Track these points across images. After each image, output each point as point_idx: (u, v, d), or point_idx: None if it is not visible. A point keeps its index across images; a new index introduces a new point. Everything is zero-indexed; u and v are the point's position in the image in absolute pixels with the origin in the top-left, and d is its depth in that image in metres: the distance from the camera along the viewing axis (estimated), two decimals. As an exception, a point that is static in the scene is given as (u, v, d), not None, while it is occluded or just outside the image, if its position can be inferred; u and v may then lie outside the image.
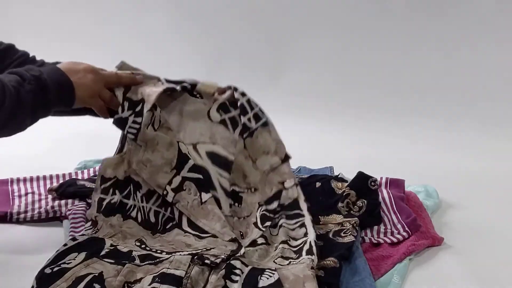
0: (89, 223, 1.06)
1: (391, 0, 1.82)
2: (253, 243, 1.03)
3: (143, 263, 0.96)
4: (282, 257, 1.00)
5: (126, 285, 0.91)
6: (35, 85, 0.94)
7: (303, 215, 1.07)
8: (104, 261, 0.96)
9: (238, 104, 1.10)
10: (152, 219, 1.09)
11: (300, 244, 1.02)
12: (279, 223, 1.07)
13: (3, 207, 1.24)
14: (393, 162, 1.54)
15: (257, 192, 1.10)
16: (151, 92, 1.07)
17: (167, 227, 1.09)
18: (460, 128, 1.74)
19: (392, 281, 1.01)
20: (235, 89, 1.12)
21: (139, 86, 1.09)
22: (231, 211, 1.10)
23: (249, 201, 1.09)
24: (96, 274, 0.92)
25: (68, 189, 1.27)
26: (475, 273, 1.05)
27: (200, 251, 0.99)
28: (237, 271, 0.93)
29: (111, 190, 1.07)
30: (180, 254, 0.97)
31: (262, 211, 1.07)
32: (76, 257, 0.96)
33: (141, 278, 0.92)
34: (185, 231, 1.06)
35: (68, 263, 0.94)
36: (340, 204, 1.20)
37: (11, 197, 1.29)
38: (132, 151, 1.08)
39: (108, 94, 1.07)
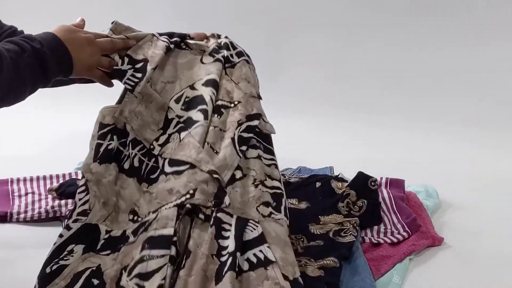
0: (81, 185, 1.03)
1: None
2: (232, 179, 1.02)
3: (137, 236, 0.94)
4: (263, 203, 1.02)
5: (123, 270, 0.90)
6: (35, 58, 0.93)
7: (275, 157, 1.11)
8: (101, 254, 0.95)
9: (222, 43, 1.18)
10: (136, 163, 1.08)
11: (276, 189, 1.04)
12: (257, 152, 1.08)
13: (3, 207, 1.24)
14: (393, 162, 1.54)
15: (240, 106, 1.10)
16: (153, 54, 1.11)
17: (152, 176, 1.06)
18: (460, 128, 1.74)
19: (392, 281, 1.01)
20: (219, 36, 1.20)
21: (139, 47, 1.12)
22: (212, 121, 1.09)
23: (229, 118, 1.10)
24: (94, 268, 0.92)
25: (68, 189, 1.28)
26: (475, 273, 1.05)
27: (184, 198, 0.96)
28: (226, 226, 0.95)
29: (108, 136, 1.07)
30: (165, 208, 0.95)
31: (241, 131, 1.07)
32: (73, 250, 0.96)
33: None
34: (167, 173, 1.03)
35: (66, 259, 0.93)
36: (340, 204, 1.20)
37: (11, 197, 1.29)
38: (127, 101, 1.09)
39: (107, 61, 1.08)
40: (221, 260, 0.91)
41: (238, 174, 1.03)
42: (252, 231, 0.95)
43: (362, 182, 1.24)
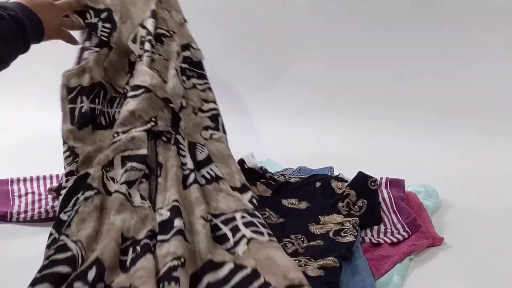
0: (65, 151, 1.14)
1: None
2: (180, 108, 1.19)
3: (110, 144, 1.13)
4: (203, 128, 1.23)
5: (103, 170, 1.09)
6: (15, 24, 0.97)
7: (208, 80, 1.28)
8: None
9: None
10: (117, 117, 1.19)
11: (213, 111, 1.25)
12: (192, 82, 1.25)
13: (3, 207, 1.24)
14: (393, 162, 1.54)
15: (175, 36, 1.26)
16: (112, 2, 1.21)
17: None
18: (461, 128, 1.74)
19: (392, 281, 1.01)
20: None
21: None
22: (155, 49, 1.22)
23: (170, 48, 1.24)
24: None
25: (68, 189, 1.27)
26: (475, 273, 1.05)
27: (150, 125, 1.14)
28: (182, 146, 1.16)
29: (78, 98, 1.15)
30: (135, 131, 1.13)
31: (180, 62, 1.23)
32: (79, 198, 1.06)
33: (112, 159, 1.11)
34: (126, 97, 1.17)
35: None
36: (340, 204, 1.20)
37: (11, 197, 1.29)
38: (100, 57, 1.19)
39: (69, 21, 1.13)
40: (184, 174, 1.12)
41: (184, 103, 1.20)
42: (201, 153, 1.17)
43: (362, 182, 1.24)
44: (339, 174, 1.35)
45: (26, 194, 1.30)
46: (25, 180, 1.35)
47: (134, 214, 1.02)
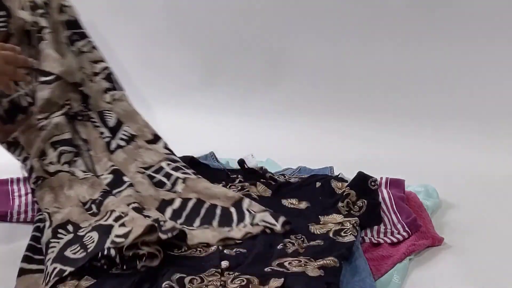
0: (8, 147, 1.25)
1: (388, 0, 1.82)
2: (82, 82, 1.29)
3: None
4: (103, 92, 1.31)
5: (40, 161, 1.20)
6: None
7: (89, 37, 1.33)
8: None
9: None
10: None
11: (105, 70, 1.32)
12: (77, 48, 1.31)
13: (3, 207, 1.24)
14: (393, 162, 1.53)
15: (51, 3, 1.29)
16: None
17: None
18: (460, 128, 1.74)
19: (392, 281, 1.01)
20: None
21: None
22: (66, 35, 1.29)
23: (52, 18, 1.28)
24: None
25: (68, 189, 1.28)
26: (475, 273, 1.05)
27: (67, 108, 1.25)
28: (94, 119, 1.28)
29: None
30: (55, 116, 1.23)
31: (64, 31, 1.29)
32: None
33: (43, 149, 1.20)
34: (40, 83, 1.24)
35: None
36: (340, 204, 1.20)
37: (11, 197, 1.29)
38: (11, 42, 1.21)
39: (12, 70, 1.09)
40: (106, 141, 1.26)
41: (82, 76, 1.28)
42: (110, 119, 1.29)
43: (362, 182, 1.24)
44: (339, 174, 1.35)
45: (26, 194, 1.30)
46: (25, 180, 1.35)
47: (84, 184, 1.17)
